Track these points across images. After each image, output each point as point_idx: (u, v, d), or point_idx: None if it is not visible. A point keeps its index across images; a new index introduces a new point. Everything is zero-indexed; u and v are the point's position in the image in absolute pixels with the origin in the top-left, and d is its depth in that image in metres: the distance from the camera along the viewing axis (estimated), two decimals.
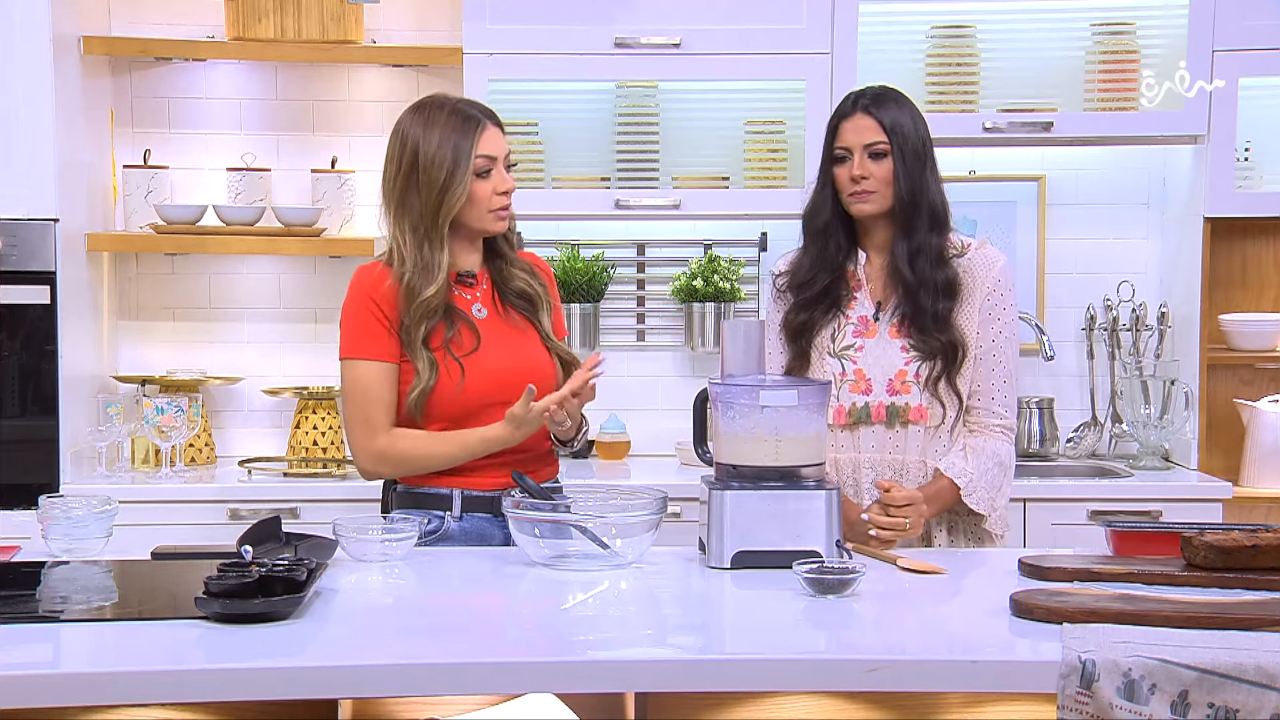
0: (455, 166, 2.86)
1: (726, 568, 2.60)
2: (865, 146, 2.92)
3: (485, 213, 2.91)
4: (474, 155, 2.87)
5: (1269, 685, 2.00)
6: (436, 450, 2.90)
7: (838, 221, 2.99)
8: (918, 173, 2.92)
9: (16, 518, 3.65)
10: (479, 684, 2.08)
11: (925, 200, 2.92)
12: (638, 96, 4.30)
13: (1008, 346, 2.97)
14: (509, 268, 3.01)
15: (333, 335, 4.37)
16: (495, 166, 2.90)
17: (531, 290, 3.01)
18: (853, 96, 3.00)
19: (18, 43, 3.85)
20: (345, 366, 2.96)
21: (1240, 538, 2.47)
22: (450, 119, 2.89)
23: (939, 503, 2.90)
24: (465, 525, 2.94)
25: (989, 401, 2.96)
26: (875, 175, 2.92)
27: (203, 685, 2.00)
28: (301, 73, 4.41)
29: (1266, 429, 4.19)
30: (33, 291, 3.89)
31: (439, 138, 2.87)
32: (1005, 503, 2.97)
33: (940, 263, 2.93)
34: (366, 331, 2.93)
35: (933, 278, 2.92)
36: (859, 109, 2.96)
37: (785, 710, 2.16)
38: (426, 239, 2.88)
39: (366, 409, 2.91)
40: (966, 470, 2.90)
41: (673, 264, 4.50)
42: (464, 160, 2.86)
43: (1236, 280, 4.44)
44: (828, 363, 2.98)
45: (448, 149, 2.86)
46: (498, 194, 2.90)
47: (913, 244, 2.92)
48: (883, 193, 2.93)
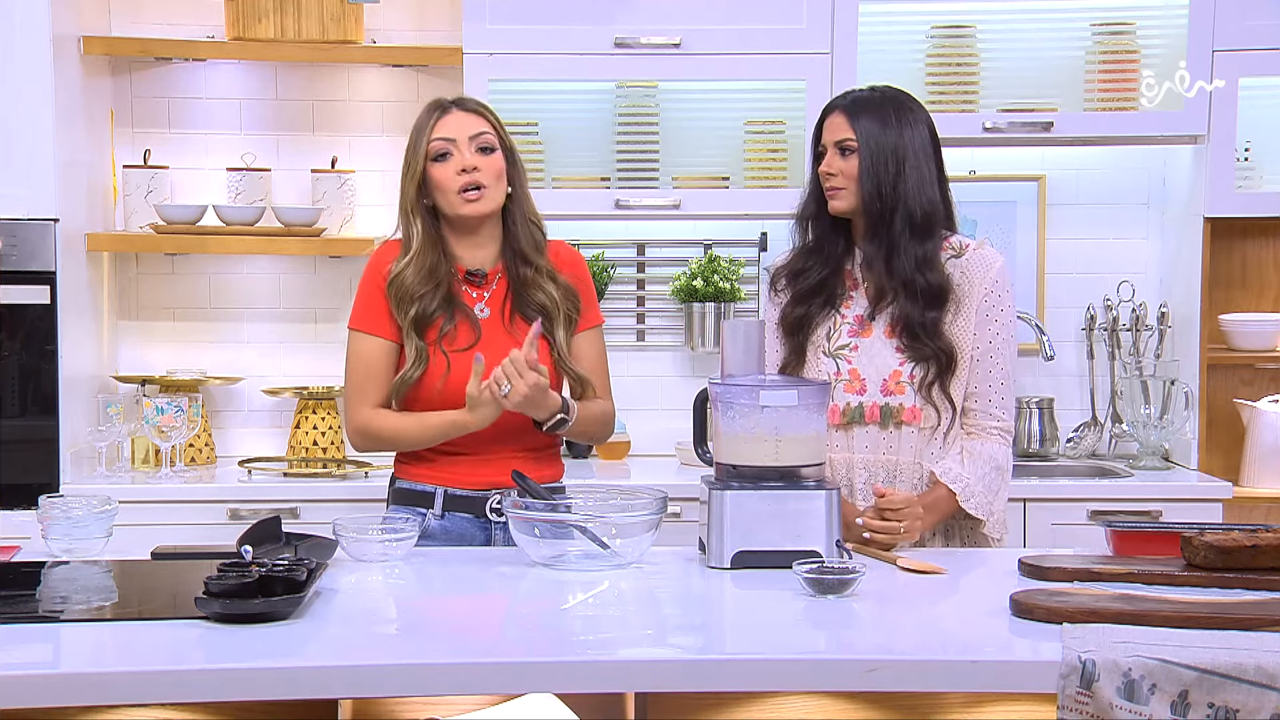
0: (414, 152, 2.95)
1: (726, 568, 2.60)
2: (836, 143, 2.94)
3: (453, 195, 2.92)
4: (429, 139, 2.93)
5: (1269, 685, 2.00)
6: (407, 428, 2.92)
7: (825, 216, 2.99)
8: (886, 172, 2.89)
9: (16, 518, 3.65)
10: (479, 684, 2.08)
11: (898, 200, 2.90)
12: (638, 96, 4.30)
13: (1005, 348, 2.96)
14: (536, 277, 2.98)
15: (333, 335, 4.43)
16: (453, 149, 2.92)
17: (554, 305, 2.97)
18: (834, 99, 3.02)
19: (18, 43, 3.85)
20: (350, 337, 3.00)
21: (1240, 538, 2.47)
22: (426, 108, 2.99)
23: (938, 511, 2.88)
24: (446, 524, 2.95)
25: (986, 404, 2.95)
26: (842, 171, 2.93)
27: (203, 685, 2.00)
28: (301, 73, 4.41)
29: (1266, 429, 4.19)
30: (33, 291, 3.89)
31: (414, 124, 2.98)
32: (1003, 506, 2.96)
33: (925, 268, 2.90)
34: (372, 306, 2.96)
35: (913, 281, 2.89)
36: (836, 108, 2.98)
37: (785, 710, 2.16)
38: (404, 222, 2.98)
39: (360, 381, 2.96)
40: (963, 475, 2.89)
41: (673, 264, 4.50)
42: (421, 143, 2.94)
43: (1236, 280, 4.44)
44: (823, 362, 2.97)
45: (414, 133, 2.97)
46: (460, 173, 2.91)
47: (885, 244, 2.91)
48: (850, 189, 2.93)
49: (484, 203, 2.93)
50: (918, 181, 2.91)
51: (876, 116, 2.93)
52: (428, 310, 2.90)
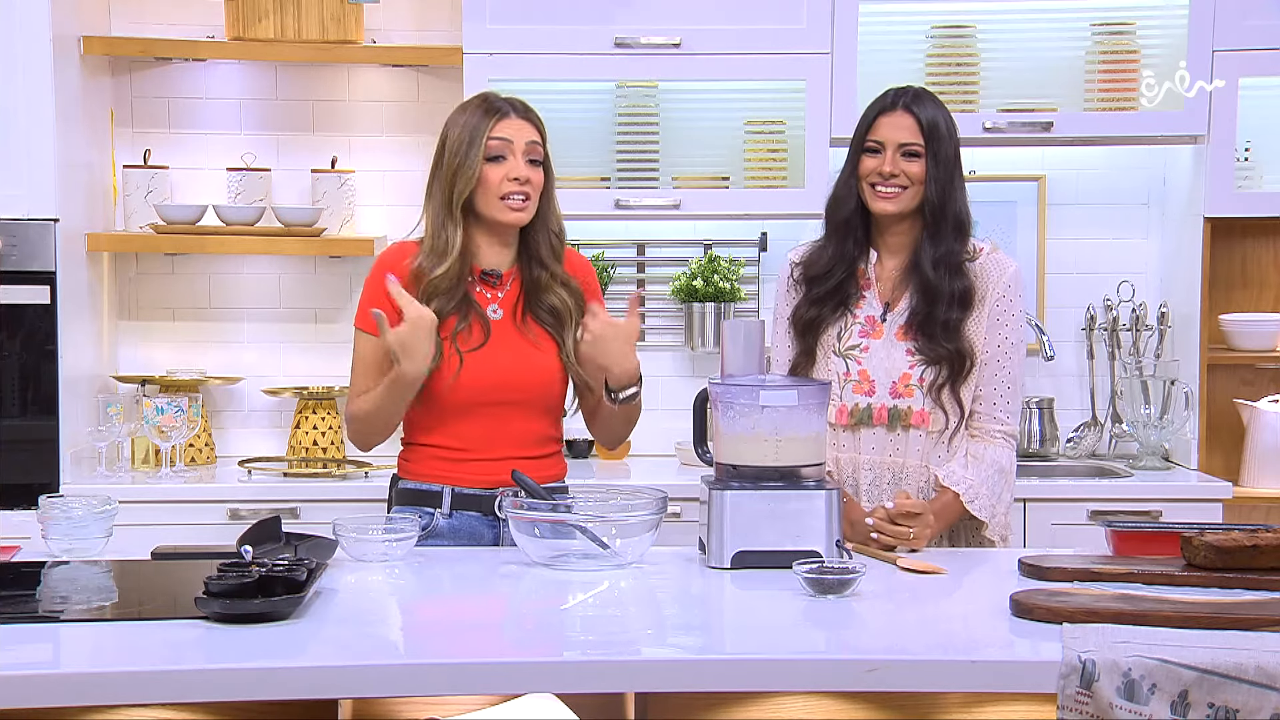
0: (469, 147, 2.89)
1: (726, 568, 2.60)
2: (900, 145, 2.91)
3: (495, 199, 2.89)
4: (487, 137, 2.89)
5: (1269, 685, 2.00)
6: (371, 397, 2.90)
7: (858, 216, 2.98)
8: (948, 179, 2.91)
9: (16, 518, 3.65)
10: (479, 684, 2.08)
11: (953, 207, 2.92)
12: (638, 96, 4.30)
13: (1013, 353, 2.96)
14: (550, 280, 2.98)
15: (333, 335, 4.43)
16: (510, 152, 2.90)
17: (565, 309, 2.97)
18: (893, 92, 2.97)
19: (18, 43, 3.85)
20: (356, 336, 2.98)
21: (1240, 538, 2.47)
22: (479, 105, 2.95)
23: (946, 518, 2.89)
24: (455, 523, 2.94)
25: (991, 407, 2.96)
26: (908, 173, 2.91)
27: (203, 685, 2.00)
28: (301, 73, 4.41)
29: (1266, 429, 4.19)
30: (33, 291, 3.89)
31: (464, 121, 2.93)
32: (1005, 510, 2.96)
33: (959, 272, 2.92)
34: (376, 305, 2.91)
35: (951, 287, 2.91)
36: (900, 105, 2.94)
37: (785, 710, 2.16)
38: (444, 221, 2.92)
39: (357, 379, 2.96)
40: (967, 478, 2.89)
41: (673, 264, 4.50)
42: (478, 140, 2.89)
43: (1236, 280, 4.44)
44: (832, 361, 2.97)
45: (467, 131, 2.91)
46: (509, 179, 2.89)
47: (939, 250, 2.92)
48: (912, 192, 2.92)
49: (525, 214, 2.93)
50: (963, 186, 2.96)
51: (939, 122, 2.92)
52: (444, 309, 2.90)
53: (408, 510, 2.92)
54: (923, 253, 2.93)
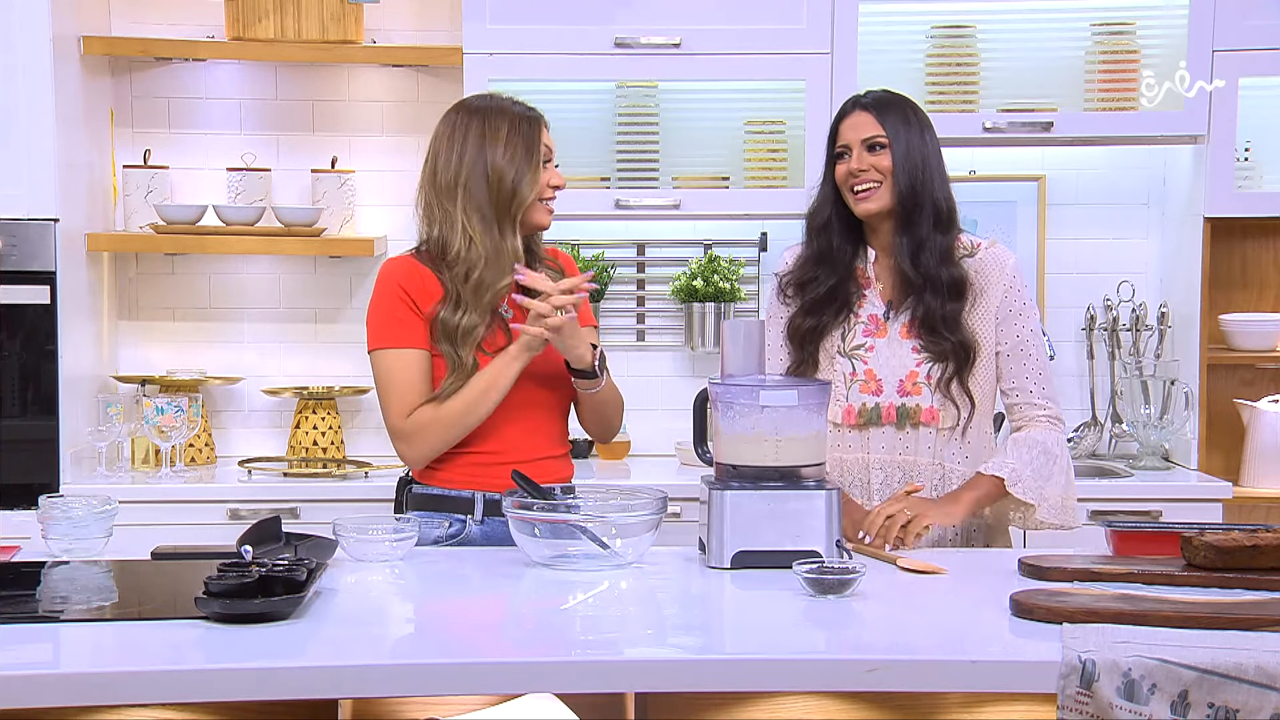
0: (529, 154, 2.91)
1: (726, 568, 2.60)
2: (863, 141, 2.93)
3: (538, 204, 2.94)
4: (542, 145, 2.94)
5: (1269, 685, 2.00)
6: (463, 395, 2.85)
7: (840, 220, 2.99)
8: (916, 167, 2.92)
9: (16, 518, 3.65)
10: (479, 684, 2.08)
11: (927, 196, 2.91)
12: (638, 96, 4.30)
13: (1035, 340, 2.97)
14: (539, 267, 3.00)
15: (333, 335, 4.42)
16: (551, 159, 2.97)
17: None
18: (851, 99, 3.01)
19: (18, 43, 3.85)
20: (377, 359, 2.92)
21: (1240, 538, 2.47)
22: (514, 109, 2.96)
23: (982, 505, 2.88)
24: (487, 529, 2.93)
25: (1028, 395, 2.95)
26: (874, 166, 2.91)
27: (203, 685, 2.00)
28: (301, 73, 4.41)
29: (1266, 429, 4.19)
30: (33, 291, 3.90)
31: (508, 126, 2.92)
32: (1060, 491, 2.89)
33: (946, 262, 2.92)
34: (399, 320, 2.89)
35: (938, 275, 2.91)
36: (857, 107, 2.97)
37: (785, 710, 2.16)
38: (503, 231, 2.90)
39: (403, 394, 2.88)
40: (1008, 462, 2.87)
41: (673, 264, 4.50)
42: (536, 148, 2.92)
43: (1236, 280, 4.44)
44: (838, 362, 2.97)
45: (519, 137, 2.91)
46: (550, 186, 2.95)
47: (914, 239, 2.91)
48: (884, 185, 2.92)
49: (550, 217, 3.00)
50: (940, 176, 2.94)
51: (899, 113, 2.94)
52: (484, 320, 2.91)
53: (437, 516, 2.91)
54: (899, 245, 2.93)
